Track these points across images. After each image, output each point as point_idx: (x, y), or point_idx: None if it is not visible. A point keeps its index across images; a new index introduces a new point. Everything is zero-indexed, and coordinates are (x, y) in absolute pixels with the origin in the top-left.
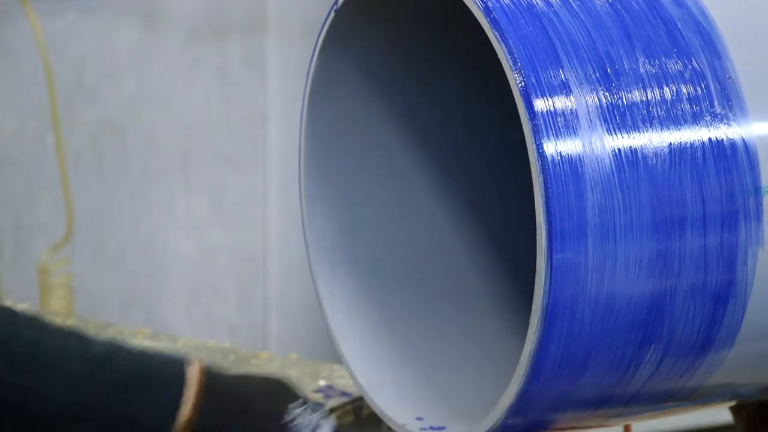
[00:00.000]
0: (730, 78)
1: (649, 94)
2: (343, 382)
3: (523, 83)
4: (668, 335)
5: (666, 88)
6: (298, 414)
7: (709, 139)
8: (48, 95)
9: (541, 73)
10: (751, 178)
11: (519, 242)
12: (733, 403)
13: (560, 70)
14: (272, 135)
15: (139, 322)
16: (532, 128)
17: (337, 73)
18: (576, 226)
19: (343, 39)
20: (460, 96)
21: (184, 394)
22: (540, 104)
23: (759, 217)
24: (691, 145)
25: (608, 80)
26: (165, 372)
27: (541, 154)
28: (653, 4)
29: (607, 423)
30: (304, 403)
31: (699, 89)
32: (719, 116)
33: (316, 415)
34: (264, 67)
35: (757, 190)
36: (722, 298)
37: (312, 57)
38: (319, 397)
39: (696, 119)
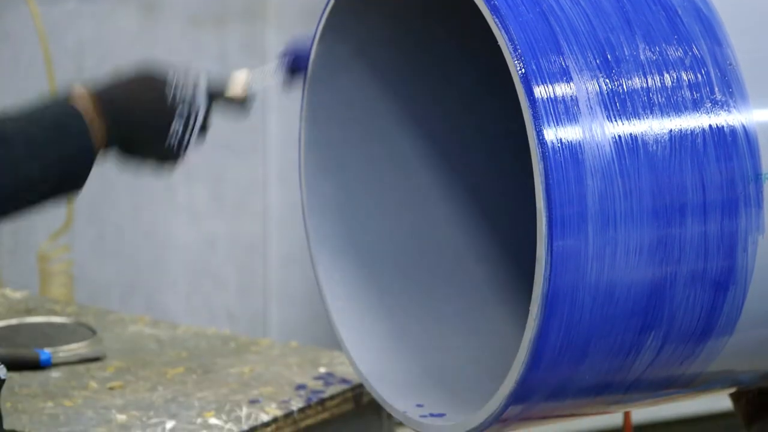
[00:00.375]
0: (730, 65)
1: (649, 80)
2: (343, 369)
3: (523, 70)
4: (668, 322)
5: (666, 75)
6: (176, 90)
7: (710, 125)
8: (48, 83)
9: (541, 60)
10: (752, 165)
11: (520, 230)
12: (732, 390)
13: (560, 57)
14: (272, 123)
15: (139, 310)
16: (533, 115)
17: (337, 60)
18: (576, 213)
19: (343, 26)
20: (461, 84)
21: (88, 126)
22: (540, 91)
23: (759, 203)
24: (692, 131)
25: (608, 67)
26: (65, 116)
27: (542, 141)
28: None
29: (607, 410)
30: (176, 78)
31: (699, 76)
32: (720, 103)
33: (191, 82)
34: (264, 54)
35: (757, 176)
36: (722, 285)
37: (312, 44)
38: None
39: (696, 106)
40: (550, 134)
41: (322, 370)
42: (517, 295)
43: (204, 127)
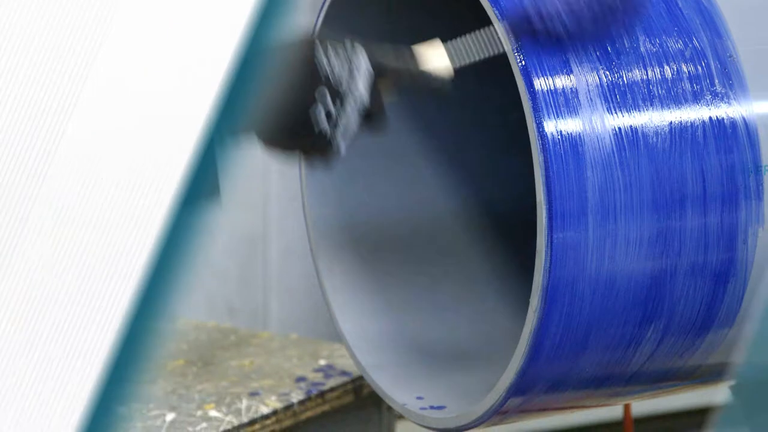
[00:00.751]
0: (730, 57)
1: (649, 72)
2: (344, 362)
3: (523, 62)
4: (669, 314)
5: (666, 67)
6: (327, 67)
7: (710, 117)
8: None
9: (541, 52)
10: (752, 157)
11: (520, 222)
12: (732, 382)
13: (560, 49)
14: None
15: None
16: (533, 107)
17: None
18: (576, 206)
19: (341, 20)
20: (460, 78)
21: None
22: (540, 83)
23: (759, 195)
24: (692, 123)
25: (609, 59)
26: None
27: (542, 133)
28: None
29: (607, 402)
30: (332, 48)
31: (699, 68)
32: (720, 95)
33: (344, 57)
34: None
35: (757, 168)
36: (722, 277)
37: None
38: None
39: (696, 98)
40: (550, 126)
41: (322, 362)
42: (518, 287)
43: (372, 112)
